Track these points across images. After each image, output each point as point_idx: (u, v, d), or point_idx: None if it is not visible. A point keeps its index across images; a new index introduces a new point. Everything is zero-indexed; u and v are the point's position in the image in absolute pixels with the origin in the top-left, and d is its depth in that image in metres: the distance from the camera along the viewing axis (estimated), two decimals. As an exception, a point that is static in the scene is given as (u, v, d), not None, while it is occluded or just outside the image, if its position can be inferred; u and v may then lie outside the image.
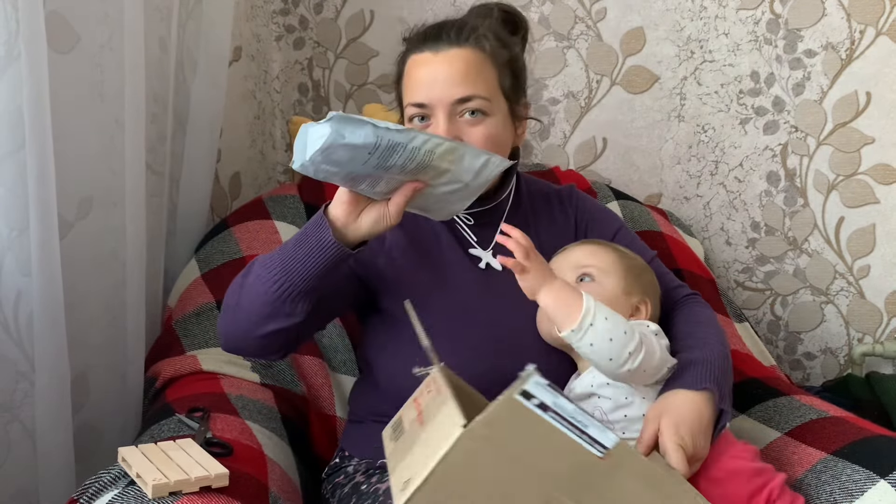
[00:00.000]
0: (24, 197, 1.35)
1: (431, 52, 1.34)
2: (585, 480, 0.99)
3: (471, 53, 1.33)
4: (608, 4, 2.11)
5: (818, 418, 1.46)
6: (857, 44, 2.04)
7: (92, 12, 1.45)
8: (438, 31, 1.35)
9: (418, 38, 1.37)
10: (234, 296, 1.31)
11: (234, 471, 1.17)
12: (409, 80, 1.36)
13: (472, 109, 1.32)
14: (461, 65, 1.32)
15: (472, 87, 1.32)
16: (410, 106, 1.34)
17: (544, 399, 0.95)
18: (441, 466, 0.96)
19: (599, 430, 0.97)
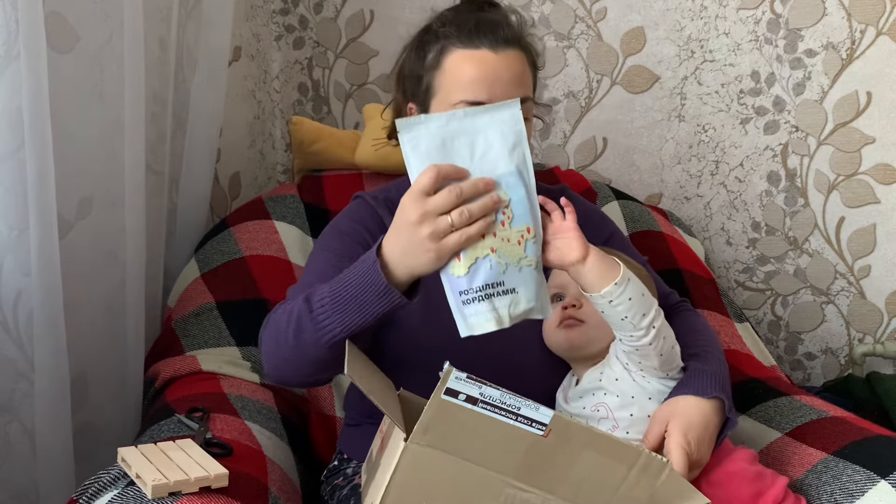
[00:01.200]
0: (24, 197, 1.35)
1: (491, 49, 1.29)
2: (541, 464, 1.00)
3: (523, 56, 1.32)
4: (608, 4, 2.11)
5: (819, 418, 1.46)
6: (858, 43, 2.04)
7: (92, 12, 1.45)
8: (494, 27, 1.31)
9: (469, 32, 1.31)
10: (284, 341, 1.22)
11: (233, 471, 1.16)
12: (462, 76, 1.30)
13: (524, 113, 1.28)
14: (520, 67, 1.31)
15: (527, 90, 1.32)
16: (464, 103, 1.28)
17: (469, 392, 0.97)
18: (394, 482, 0.99)
19: (532, 409, 0.98)
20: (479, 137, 1.14)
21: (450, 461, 1.00)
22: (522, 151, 1.15)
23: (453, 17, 1.34)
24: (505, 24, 1.33)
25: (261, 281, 1.72)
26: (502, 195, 1.14)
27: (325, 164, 1.96)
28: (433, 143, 1.14)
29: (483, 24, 1.31)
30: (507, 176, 1.14)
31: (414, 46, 1.37)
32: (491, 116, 1.15)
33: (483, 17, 1.33)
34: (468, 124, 1.14)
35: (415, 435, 0.99)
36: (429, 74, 1.33)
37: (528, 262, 1.15)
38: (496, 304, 1.13)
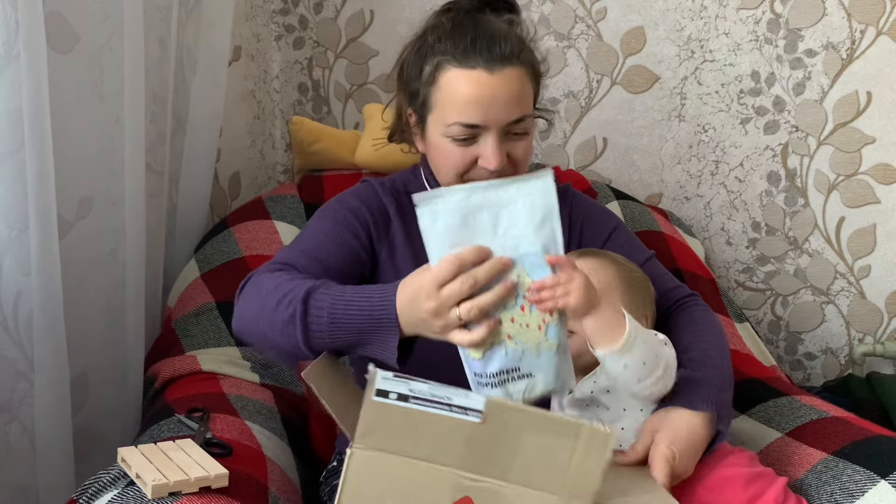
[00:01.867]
0: (24, 197, 1.35)
1: (486, 70, 1.25)
2: (485, 452, 0.99)
3: (521, 72, 1.28)
4: (608, 4, 2.11)
5: (819, 418, 1.46)
6: (858, 43, 2.04)
7: (92, 12, 1.45)
8: (490, 44, 1.26)
9: (465, 49, 1.26)
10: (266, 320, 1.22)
11: (233, 471, 1.16)
12: (455, 95, 1.26)
13: (521, 129, 1.29)
14: (517, 86, 1.27)
15: (524, 107, 1.28)
16: (458, 125, 1.26)
17: (399, 390, 0.97)
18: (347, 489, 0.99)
19: (464, 397, 0.98)
20: (504, 211, 1.09)
21: (398, 461, 1.00)
22: (552, 227, 1.09)
23: (450, 28, 1.29)
24: (503, 37, 1.27)
25: (261, 281, 1.72)
26: (524, 278, 1.09)
27: (325, 164, 1.96)
28: (453, 220, 1.09)
29: (479, 39, 1.26)
30: (531, 256, 1.09)
31: (412, 50, 1.33)
32: (519, 187, 1.09)
33: (480, 31, 1.28)
34: (492, 196, 1.09)
35: (357, 440, 0.99)
36: (425, 88, 1.30)
37: (548, 346, 1.11)
38: (510, 390, 1.11)
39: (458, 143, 1.28)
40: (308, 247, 1.33)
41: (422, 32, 1.33)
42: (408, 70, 1.33)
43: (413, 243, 1.37)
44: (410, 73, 1.33)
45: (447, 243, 1.09)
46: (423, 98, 1.31)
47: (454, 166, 1.30)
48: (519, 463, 1.00)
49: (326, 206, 1.42)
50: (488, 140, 1.27)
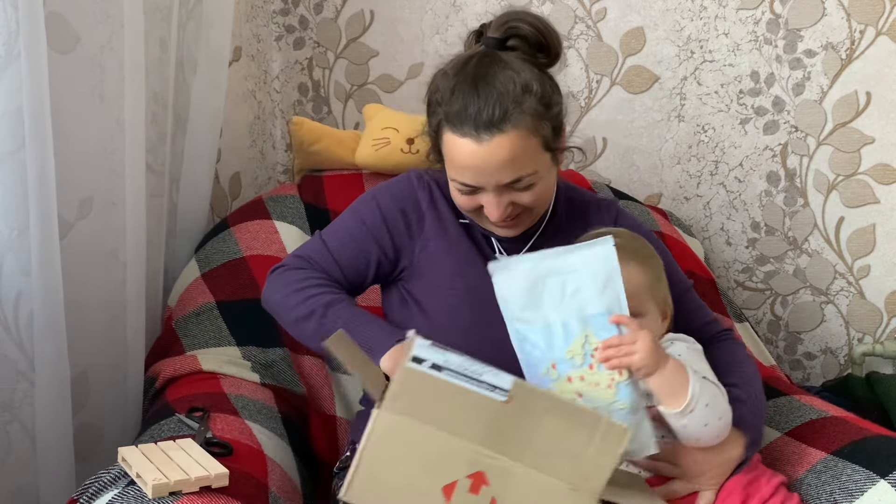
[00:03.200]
0: (24, 197, 1.35)
1: (474, 140, 1.26)
2: (505, 431, 1.03)
3: (515, 137, 1.26)
4: (608, 4, 2.11)
5: (818, 418, 1.46)
6: (857, 44, 2.04)
7: (92, 12, 1.45)
8: (477, 112, 1.25)
9: (456, 114, 1.27)
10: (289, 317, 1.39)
11: (234, 471, 1.17)
12: (450, 157, 1.31)
13: (521, 186, 1.30)
14: (507, 153, 1.26)
15: (519, 169, 1.28)
16: (456, 182, 1.32)
17: (434, 359, 1.02)
18: (369, 447, 1.03)
19: (494, 375, 1.02)
20: (570, 277, 1.16)
21: (420, 428, 1.03)
22: (615, 290, 1.15)
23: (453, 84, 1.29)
24: (496, 100, 1.25)
25: (261, 281, 1.71)
26: (591, 338, 1.15)
27: (325, 164, 1.96)
28: (523, 286, 1.18)
29: (471, 105, 1.26)
30: (598, 317, 1.15)
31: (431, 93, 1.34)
32: (583, 255, 1.16)
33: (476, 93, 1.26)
34: (558, 264, 1.16)
35: (386, 402, 1.02)
36: (434, 137, 1.35)
37: (620, 406, 1.15)
38: None
39: (464, 194, 1.33)
40: (333, 246, 1.43)
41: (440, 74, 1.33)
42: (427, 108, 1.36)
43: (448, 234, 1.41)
44: (428, 115, 1.36)
45: (518, 307, 1.18)
46: (436, 145, 1.36)
47: (464, 207, 1.37)
48: (535, 446, 1.03)
49: (364, 199, 1.47)
50: (488, 196, 1.31)
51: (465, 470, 1.04)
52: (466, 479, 1.04)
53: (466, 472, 1.04)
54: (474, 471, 1.04)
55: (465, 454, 1.04)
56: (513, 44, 1.31)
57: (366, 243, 1.41)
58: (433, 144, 1.37)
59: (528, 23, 1.32)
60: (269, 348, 1.65)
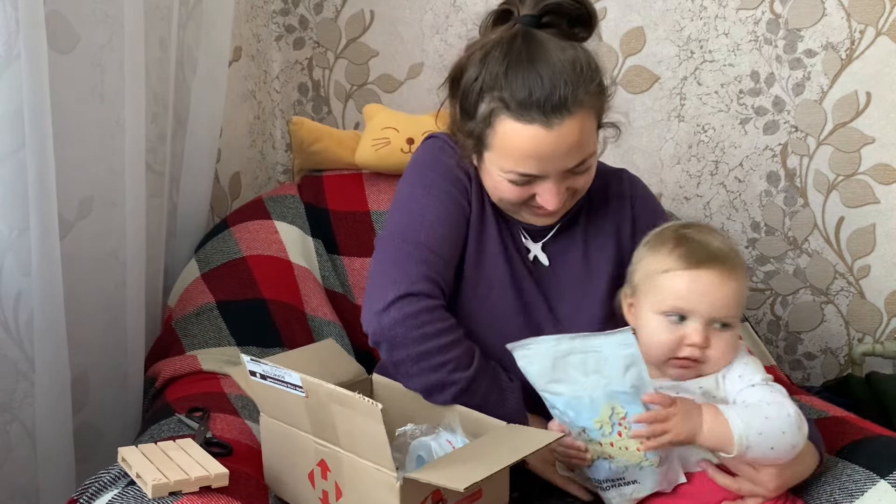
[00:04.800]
0: (24, 197, 1.35)
1: (543, 126, 1.20)
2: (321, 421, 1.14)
3: (581, 119, 1.23)
4: (608, 4, 2.11)
5: (818, 418, 1.46)
6: (857, 44, 2.04)
7: (92, 12, 1.45)
8: (547, 95, 1.20)
9: (519, 101, 1.21)
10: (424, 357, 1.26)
11: (234, 471, 1.17)
12: (511, 146, 1.23)
13: (582, 169, 1.27)
14: (576, 136, 1.22)
15: (584, 152, 1.25)
16: (514, 173, 1.25)
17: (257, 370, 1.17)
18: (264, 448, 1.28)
19: (289, 375, 1.13)
20: (591, 356, 1.17)
21: (281, 426, 1.22)
22: (638, 371, 1.15)
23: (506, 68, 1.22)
24: (562, 82, 1.20)
25: (261, 281, 1.72)
26: (618, 409, 1.17)
27: (325, 164, 1.96)
28: (545, 363, 1.19)
29: (535, 89, 1.20)
30: (621, 394, 1.16)
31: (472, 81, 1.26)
32: (602, 341, 1.16)
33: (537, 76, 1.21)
34: (579, 344, 1.17)
35: (261, 410, 1.25)
36: (480, 127, 1.26)
37: (649, 464, 1.20)
38: (623, 492, 1.23)
39: (516, 185, 1.27)
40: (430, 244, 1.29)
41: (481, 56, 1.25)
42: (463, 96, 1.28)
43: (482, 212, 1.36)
44: (466, 105, 1.28)
45: (543, 380, 1.21)
46: (479, 134, 1.27)
47: (510, 200, 1.30)
48: (341, 431, 1.12)
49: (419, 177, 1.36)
50: (547, 184, 1.26)
51: (314, 458, 1.18)
52: (317, 466, 1.18)
53: (315, 460, 1.18)
54: (319, 459, 1.17)
55: (310, 445, 1.18)
56: (548, 20, 1.27)
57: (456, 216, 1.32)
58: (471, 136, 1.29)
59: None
60: (268, 348, 1.65)
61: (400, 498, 1.07)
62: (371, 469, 1.10)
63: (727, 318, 1.20)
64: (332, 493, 1.17)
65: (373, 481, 1.10)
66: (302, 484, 1.20)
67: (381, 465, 1.09)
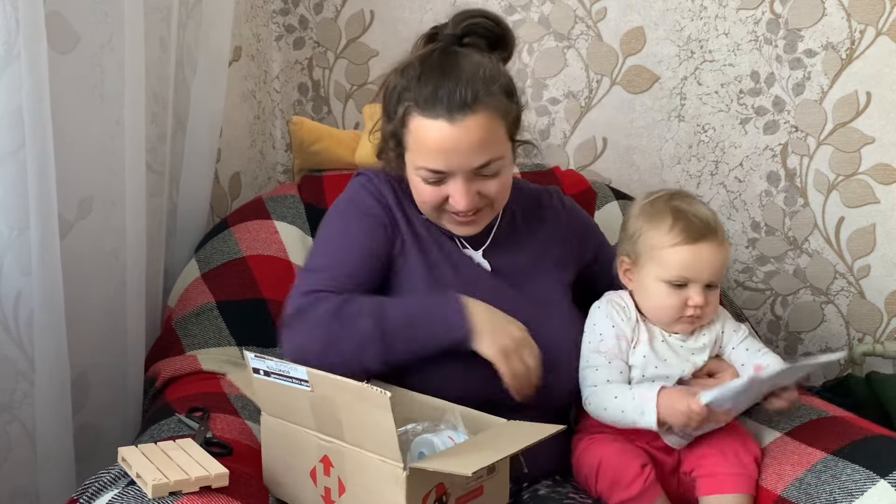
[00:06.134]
0: (24, 197, 1.35)
1: (447, 120, 1.28)
2: (324, 416, 1.15)
3: (485, 119, 1.30)
4: (608, 4, 2.11)
5: (818, 418, 1.46)
6: (858, 44, 2.04)
7: (92, 12, 1.45)
8: (450, 92, 1.28)
9: (426, 98, 1.30)
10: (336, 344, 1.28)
11: (234, 471, 1.17)
12: (420, 142, 1.31)
13: (489, 171, 1.33)
14: (479, 133, 1.29)
15: (489, 152, 1.31)
16: (424, 169, 1.32)
17: (261, 367, 1.18)
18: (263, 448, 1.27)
19: (295, 370, 1.14)
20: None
21: (283, 425, 1.22)
22: None
23: (419, 72, 1.32)
24: (466, 82, 1.29)
25: (261, 281, 1.72)
26: None
27: (325, 164, 1.96)
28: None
29: (442, 88, 1.29)
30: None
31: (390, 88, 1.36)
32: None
33: (445, 77, 1.29)
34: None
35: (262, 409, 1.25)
36: (398, 129, 1.35)
37: None
38: None
39: (429, 184, 1.33)
40: (337, 263, 1.36)
41: (401, 68, 1.36)
42: (386, 104, 1.38)
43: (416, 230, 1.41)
44: (388, 110, 1.38)
45: None
46: (398, 138, 1.36)
47: (427, 202, 1.36)
48: (346, 424, 1.13)
49: (336, 212, 1.44)
50: (456, 183, 1.32)
51: (316, 455, 1.18)
52: (319, 463, 1.18)
53: (317, 457, 1.18)
54: (322, 455, 1.17)
55: (313, 441, 1.18)
56: (469, 41, 1.36)
57: (370, 244, 1.38)
58: (393, 138, 1.37)
59: (484, 18, 1.37)
60: (269, 348, 1.65)
61: (406, 489, 1.07)
62: (376, 461, 1.10)
63: (718, 280, 1.42)
64: (334, 489, 1.17)
65: (378, 474, 1.10)
66: (303, 482, 1.20)
67: (386, 457, 1.09)
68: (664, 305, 1.40)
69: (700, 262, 1.38)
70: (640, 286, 1.43)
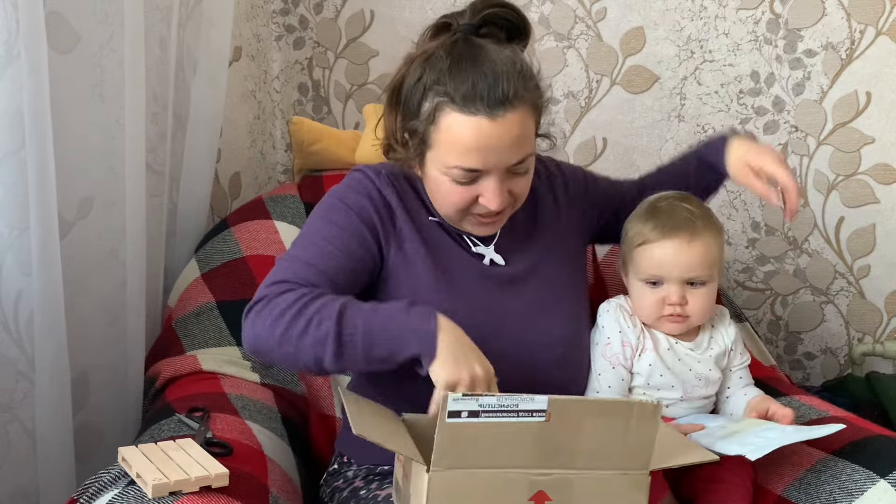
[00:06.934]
0: (24, 197, 1.35)
1: (486, 116, 1.22)
2: (553, 447, 1.07)
3: (523, 114, 1.26)
4: (608, 4, 2.11)
5: (818, 418, 1.46)
6: (857, 44, 2.04)
7: (92, 12, 1.45)
8: (491, 87, 1.23)
9: (464, 94, 1.23)
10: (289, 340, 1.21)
11: (234, 471, 1.17)
12: (455, 140, 1.24)
13: (522, 169, 1.29)
14: (518, 130, 1.25)
15: (526, 149, 1.28)
16: (459, 169, 1.25)
17: (470, 408, 1.04)
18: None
19: (528, 401, 1.05)
20: None
21: (474, 474, 1.07)
22: None
23: (449, 65, 1.25)
24: (505, 77, 1.24)
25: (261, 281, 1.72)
26: None
27: (325, 164, 1.96)
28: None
29: (480, 82, 1.23)
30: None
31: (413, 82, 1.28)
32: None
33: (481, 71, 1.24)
34: None
35: (434, 464, 1.05)
36: (424, 125, 1.27)
37: None
38: None
39: (459, 184, 1.28)
40: (314, 259, 1.29)
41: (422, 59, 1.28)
42: (406, 99, 1.29)
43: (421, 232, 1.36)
44: (408, 106, 1.29)
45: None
46: (423, 135, 1.28)
47: (454, 203, 1.30)
48: (582, 449, 1.07)
49: (326, 205, 1.36)
50: (490, 182, 1.27)
51: (525, 495, 1.08)
52: (529, 501, 1.08)
53: (527, 496, 1.08)
54: (534, 492, 1.08)
55: (521, 480, 1.08)
56: (487, 31, 1.31)
57: (349, 247, 1.31)
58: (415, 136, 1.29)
59: (503, 7, 1.32)
60: (269, 348, 1.65)
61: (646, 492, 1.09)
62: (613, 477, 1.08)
63: (698, 278, 1.39)
64: None
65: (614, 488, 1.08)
66: None
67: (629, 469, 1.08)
68: (644, 304, 1.41)
69: (668, 258, 1.38)
70: (630, 289, 1.45)
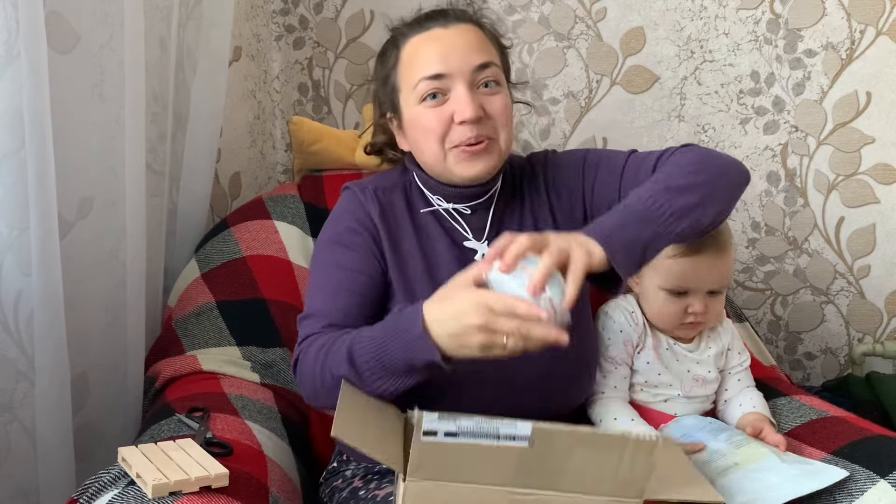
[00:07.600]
0: (24, 197, 1.35)
1: (441, 27, 1.33)
2: (535, 468, 1.03)
3: (477, 30, 1.35)
4: (608, 4, 2.11)
5: (818, 418, 1.46)
6: (858, 44, 2.04)
7: (92, 12, 1.45)
8: (442, 11, 1.36)
9: (419, 21, 1.36)
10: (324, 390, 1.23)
11: (234, 471, 1.17)
12: (418, 57, 1.32)
13: (488, 80, 1.31)
14: (473, 35, 1.33)
15: (487, 54, 1.32)
16: (425, 80, 1.30)
17: (447, 428, 1.01)
18: None
19: (510, 426, 1.00)
20: None
21: (451, 487, 1.04)
22: None
23: (409, 22, 1.38)
24: (453, 6, 1.37)
25: (261, 281, 1.72)
26: None
27: (325, 164, 1.96)
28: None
29: (434, 10, 1.37)
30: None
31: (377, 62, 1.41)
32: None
33: (437, 7, 1.38)
34: None
35: (409, 474, 1.03)
36: (392, 75, 1.36)
37: None
38: None
39: (431, 105, 1.30)
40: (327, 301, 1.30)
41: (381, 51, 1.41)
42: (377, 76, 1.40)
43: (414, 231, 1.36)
44: (379, 81, 1.39)
45: None
46: (392, 85, 1.36)
47: (433, 131, 1.31)
48: (568, 471, 1.03)
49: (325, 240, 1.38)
50: (458, 91, 1.29)
51: None
52: None
53: None
54: None
55: (500, 497, 1.04)
56: None
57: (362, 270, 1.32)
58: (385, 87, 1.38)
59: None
60: (269, 348, 1.65)
61: None
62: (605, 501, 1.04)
63: (721, 288, 1.44)
64: None
65: None
66: None
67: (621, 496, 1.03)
68: (665, 312, 1.43)
69: (699, 273, 1.40)
70: (643, 292, 1.45)
